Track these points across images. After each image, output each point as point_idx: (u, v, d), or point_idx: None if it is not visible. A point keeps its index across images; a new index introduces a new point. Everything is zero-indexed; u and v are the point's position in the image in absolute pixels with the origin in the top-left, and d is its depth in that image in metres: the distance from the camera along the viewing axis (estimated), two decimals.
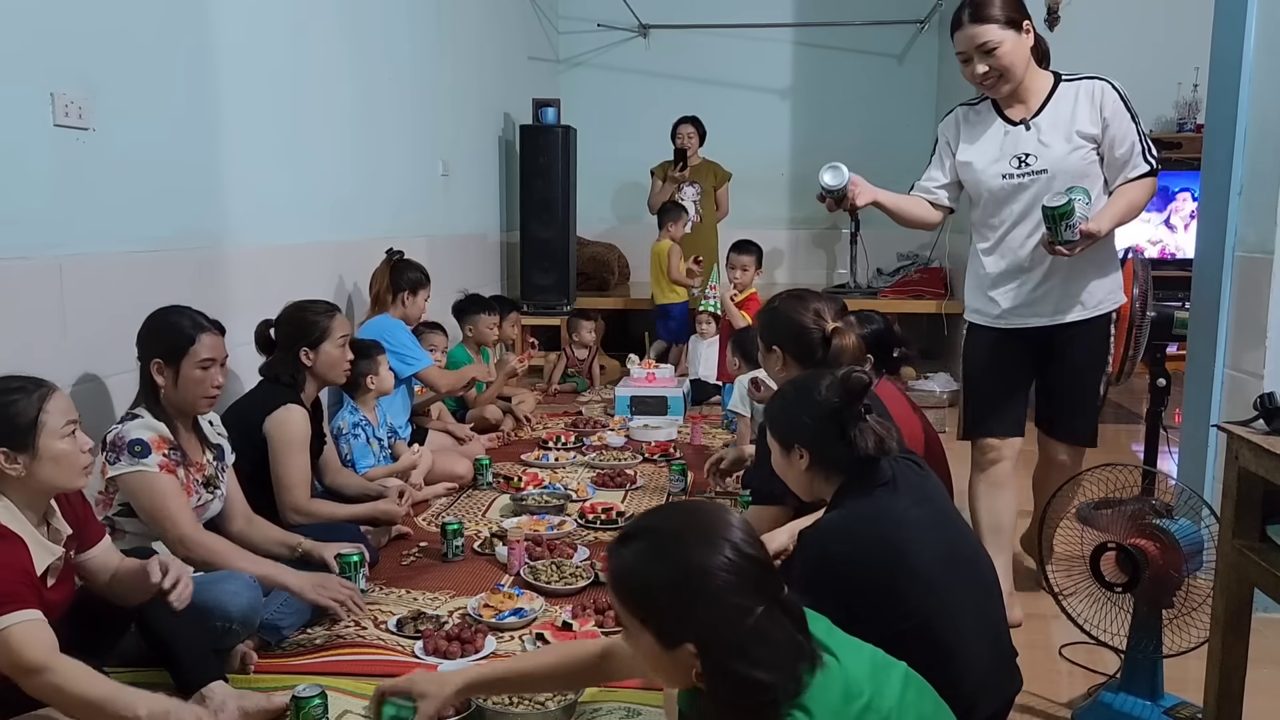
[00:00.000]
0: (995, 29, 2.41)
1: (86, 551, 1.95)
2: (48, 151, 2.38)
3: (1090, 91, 2.49)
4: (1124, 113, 2.46)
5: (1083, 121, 2.48)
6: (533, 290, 6.16)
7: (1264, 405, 1.72)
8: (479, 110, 5.93)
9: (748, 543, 1.26)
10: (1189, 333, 3.00)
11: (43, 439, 1.74)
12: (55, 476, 1.77)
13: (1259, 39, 2.69)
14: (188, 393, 2.34)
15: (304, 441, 2.77)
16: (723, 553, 1.23)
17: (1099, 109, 2.47)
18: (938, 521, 1.73)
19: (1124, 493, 2.17)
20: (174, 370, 2.33)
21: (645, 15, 7.59)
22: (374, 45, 4.34)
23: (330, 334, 2.90)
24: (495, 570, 2.92)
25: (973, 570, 1.74)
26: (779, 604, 1.25)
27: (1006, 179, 2.54)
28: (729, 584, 1.22)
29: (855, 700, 1.26)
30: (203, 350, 2.34)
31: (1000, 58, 2.42)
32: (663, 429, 4.59)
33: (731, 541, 1.25)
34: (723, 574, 1.22)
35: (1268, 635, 2.34)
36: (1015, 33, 2.43)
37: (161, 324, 2.37)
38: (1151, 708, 2.03)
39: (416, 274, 3.98)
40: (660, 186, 6.31)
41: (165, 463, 2.27)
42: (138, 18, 2.68)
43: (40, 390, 1.76)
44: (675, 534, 1.29)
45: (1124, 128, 2.45)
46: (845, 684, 1.27)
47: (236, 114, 3.18)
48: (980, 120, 2.61)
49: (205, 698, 1.97)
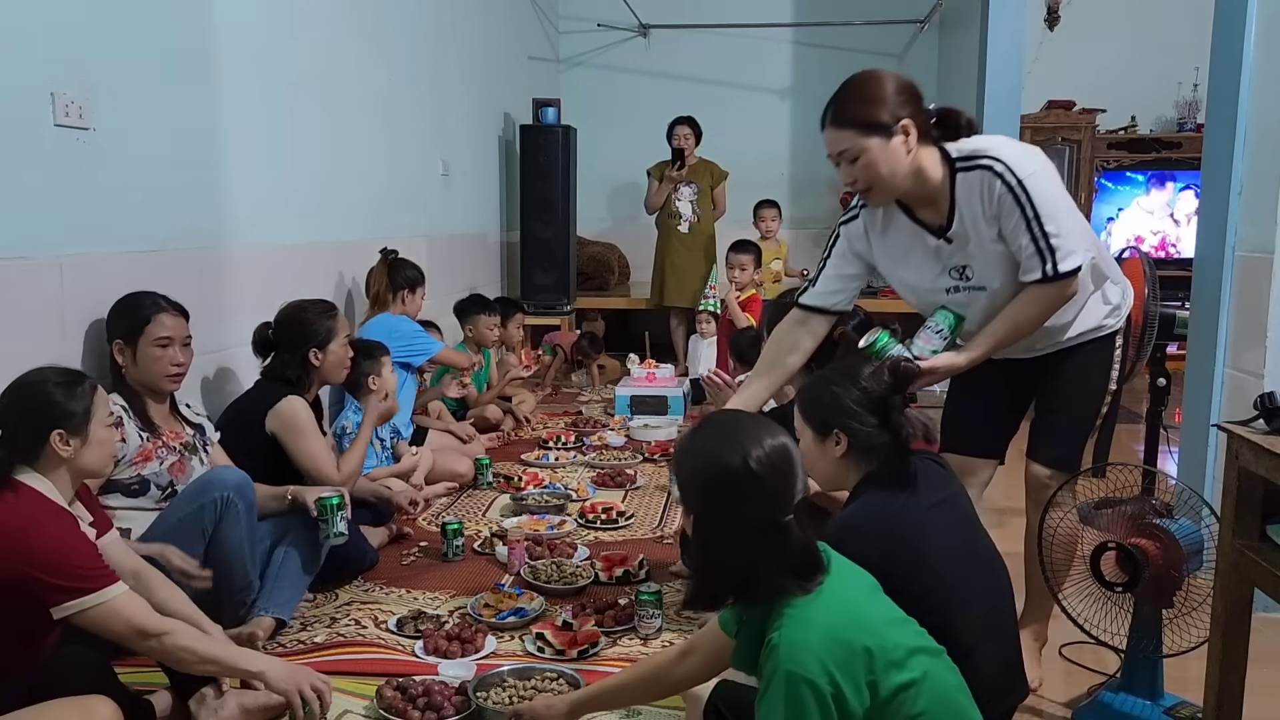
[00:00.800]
0: (853, 135, 1.98)
1: (101, 539, 1.97)
2: (48, 151, 2.38)
3: (980, 185, 1.99)
4: (1013, 206, 1.96)
5: (981, 221, 2.02)
6: (533, 290, 6.16)
7: (1264, 405, 1.72)
8: (479, 110, 5.93)
9: (762, 462, 1.41)
10: (1189, 332, 3.00)
11: (93, 425, 1.85)
12: (96, 461, 1.89)
13: (1259, 39, 2.69)
14: (147, 370, 2.42)
15: (312, 425, 2.81)
16: (741, 461, 1.41)
17: (987, 204, 1.99)
18: (956, 522, 1.73)
19: (1124, 492, 2.17)
20: (132, 349, 2.41)
21: (645, 15, 7.59)
22: (374, 45, 4.34)
23: (335, 334, 2.94)
24: (495, 570, 2.92)
25: (989, 573, 1.74)
26: (775, 526, 1.41)
27: (954, 292, 2.13)
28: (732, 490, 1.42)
29: (856, 631, 1.37)
30: (159, 329, 2.42)
31: (864, 169, 1.99)
32: (663, 429, 4.59)
33: (752, 456, 1.41)
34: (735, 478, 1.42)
35: (1268, 635, 2.34)
36: (882, 139, 1.95)
37: (123, 305, 2.47)
38: (1152, 707, 2.03)
39: (414, 272, 4.00)
40: (657, 187, 6.30)
41: None
42: (138, 17, 2.68)
43: (89, 381, 1.89)
44: (718, 430, 1.49)
45: (1013, 224, 1.97)
46: (850, 615, 1.38)
47: (237, 114, 3.17)
48: (894, 227, 2.15)
49: (205, 696, 1.97)
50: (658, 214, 6.36)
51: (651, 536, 3.24)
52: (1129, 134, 7.00)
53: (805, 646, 1.34)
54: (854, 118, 1.99)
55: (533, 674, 2.14)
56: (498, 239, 6.36)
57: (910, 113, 1.97)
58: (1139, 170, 6.95)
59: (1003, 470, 2.41)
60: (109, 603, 1.72)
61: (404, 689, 2.06)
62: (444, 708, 2.02)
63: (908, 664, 1.38)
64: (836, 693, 1.32)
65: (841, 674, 1.33)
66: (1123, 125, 7.02)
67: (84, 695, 1.68)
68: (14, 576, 1.66)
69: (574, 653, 2.31)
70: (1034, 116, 6.67)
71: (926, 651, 1.43)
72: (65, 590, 1.68)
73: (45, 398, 1.81)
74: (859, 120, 1.98)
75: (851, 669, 1.34)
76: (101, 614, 1.71)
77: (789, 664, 1.33)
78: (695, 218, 6.27)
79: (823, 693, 1.31)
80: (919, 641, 1.44)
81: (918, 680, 1.38)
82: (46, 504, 1.76)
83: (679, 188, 6.26)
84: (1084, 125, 6.80)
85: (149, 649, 1.79)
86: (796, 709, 1.31)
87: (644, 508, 3.54)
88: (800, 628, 1.36)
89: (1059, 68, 6.93)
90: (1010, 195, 1.95)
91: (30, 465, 1.79)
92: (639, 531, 3.29)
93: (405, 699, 2.03)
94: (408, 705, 2.02)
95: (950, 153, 2.02)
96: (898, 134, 1.96)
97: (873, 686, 1.35)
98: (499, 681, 2.11)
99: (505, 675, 2.13)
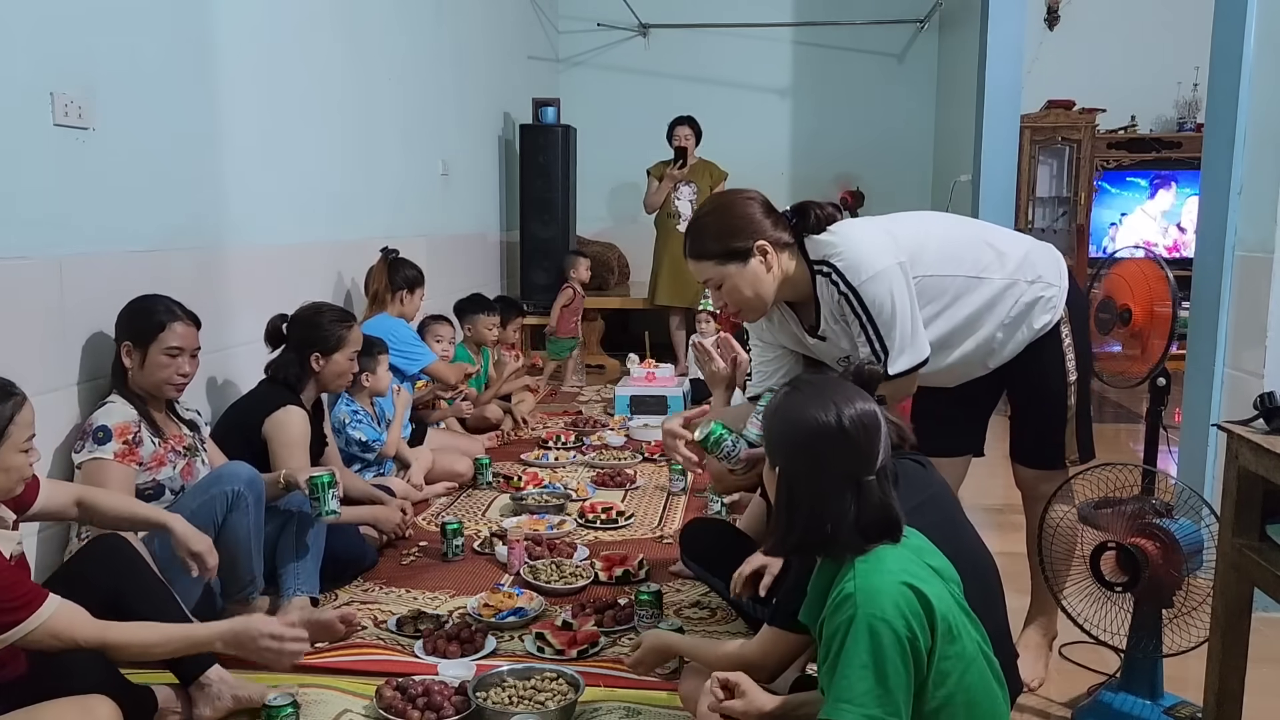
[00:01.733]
0: (711, 266, 2.04)
1: (31, 509, 1.93)
2: (47, 151, 2.37)
3: (826, 289, 2.04)
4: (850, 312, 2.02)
5: (838, 320, 2.08)
6: (532, 289, 6.17)
7: (1264, 404, 1.72)
8: (479, 110, 5.93)
9: (854, 420, 1.47)
10: (1189, 332, 2.99)
11: (3, 451, 1.71)
12: (7, 487, 1.75)
13: (1259, 38, 2.69)
14: (152, 376, 2.41)
15: (304, 442, 2.77)
16: (835, 418, 1.47)
17: (835, 306, 2.05)
18: (939, 520, 1.73)
19: (1124, 492, 2.17)
20: (141, 354, 2.40)
21: (645, 15, 7.59)
22: (374, 45, 4.34)
23: (344, 345, 2.92)
24: (495, 570, 2.92)
25: (975, 570, 1.74)
26: (857, 485, 1.46)
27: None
28: (823, 446, 1.48)
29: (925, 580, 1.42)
30: (172, 338, 2.40)
31: (730, 294, 2.06)
32: None
33: (845, 414, 1.47)
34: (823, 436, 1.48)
35: (1268, 635, 2.34)
36: (739, 264, 2.01)
37: (137, 308, 2.45)
38: (1151, 707, 2.03)
39: (413, 272, 3.99)
40: (657, 186, 6.30)
41: (122, 450, 2.30)
42: (138, 17, 2.68)
43: (14, 400, 1.73)
44: (814, 389, 1.54)
45: (855, 326, 2.03)
46: (919, 571, 1.44)
47: (237, 113, 3.17)
48: (782, 319, 2.21)
49: (203, 685, 1.99)
50: (656, 213, 6.36)
51: (651, 536, 3.23)
52: (1129, 134, 7.01)
53: (879, 588, 1.39)
54: (708, 250, 2.05)
55: (532, 674, 2.14)
56: (497, 239, 6.36)
57: (764, 231, 2.02)
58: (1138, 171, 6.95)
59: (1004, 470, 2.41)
60: (44, 624, 1.66)
61: (404, 689, 2.06)
62: (444, 708, 2.01)
63: (961, 634, 1.43)
64: (911, 635, 1.37)
65: (912, 615, 1.38)
66: (1122, 125, 7.02)
67: (83, 695, 1.68)
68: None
69: (574, 652, 2.31)
70: (1034, 116, 6.67)
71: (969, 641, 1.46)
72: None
73: None
74: (714, 252, 2.04)
75: (919, 611, 1.39)
76: (38, 637, 1.66)
77: (865, 608, 1.38)
78: None
79: (900, 635, 1.36)
80: (966, 631, 1.47)
81: (960, 660, 1.42)
82: None
83: (678, 187, 6.25)
84: (1084, 125, 6.80)
85: (105, 652, 1.75)
86: (878, 648, 1.36)
87: (644, 508, 3.54)
88: (872, 572, 1.42)
89: (1059, 67, 6.94)
90: (847, 302, 2.01)
91: None
92: (639, 531, 3.29)
93: (405, 699, 2.03)
94: (407, 705, 2.01)
95: (808, 254, 2.06)
96: (754, 255, 2.01)
97: (933, 634, 1.39)
98: (499, 681, 2.11)
99: (505, 675, 2.13)
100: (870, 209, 6.96)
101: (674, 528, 3.27)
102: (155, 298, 2.48)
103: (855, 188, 6.98)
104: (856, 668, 1.37)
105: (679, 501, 3.61)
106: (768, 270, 2.03)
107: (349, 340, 2.94)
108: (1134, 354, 2.83)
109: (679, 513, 3.47)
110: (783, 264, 2.05)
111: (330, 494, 2.50)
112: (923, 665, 1.39)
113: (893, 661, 1.36)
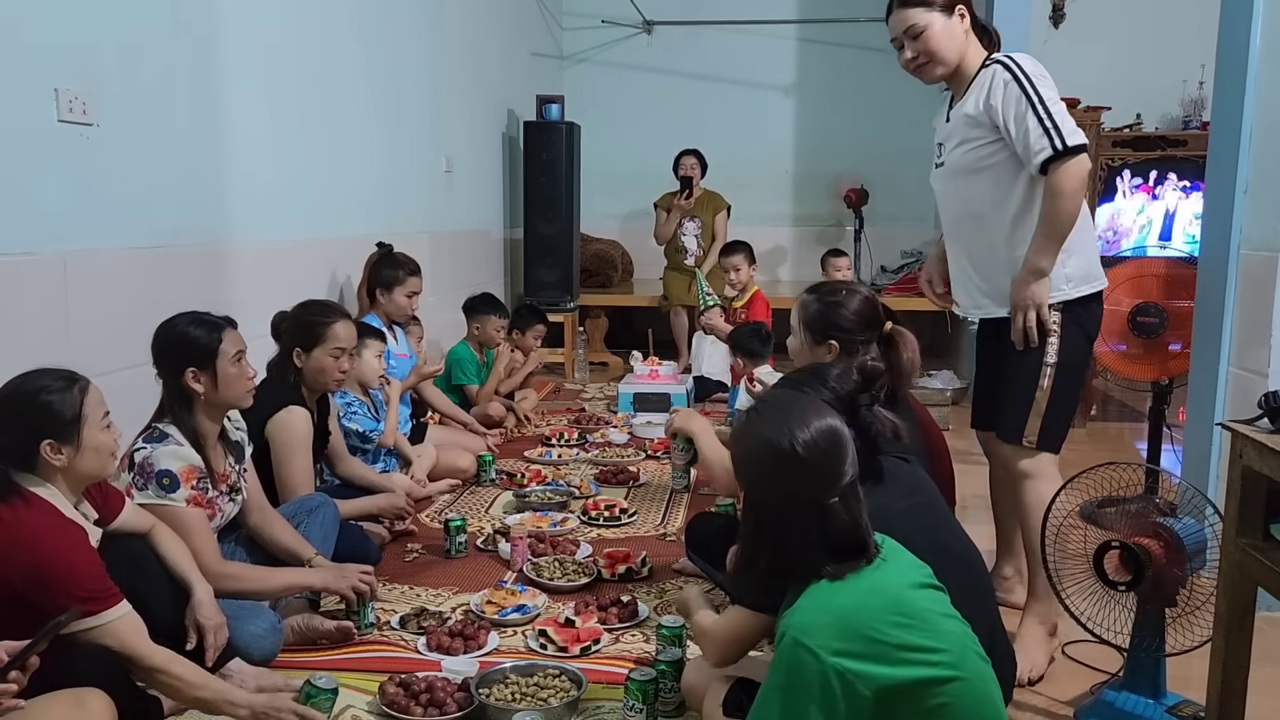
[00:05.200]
0: (922, 12, 2.30)
1: (113, 523, 1.99)
2: (51, 148, 2.38)
3: (987, 77, 2.28)
4: (1019, 95, 2.20)
5: (970, 109, 2.30)
6: (536, 287, 6.16)
7: (1268, 403, 1.72)
8: (483, 107, 5.93)
9: (808, 445, 1.45)
10: (1193, 331, 2.99)
11: (85, 431, 1.80)
12: (94, 466, 1.85)
13: (1265, 36, 2.68)
14: (230, 391, 2.29)
15: (306, 443, 2.76)
16: (789, 444, 1.46)
17: (986, 94, 2.26)
18: (925, 517, 1.74)
19: (1127, 491, 2.17)
20: (210, 373, 2.26)
21: (649, 11, 7.58)
22: (378, 42, 4.34)
23: (324, 340, 2.80)
24: (498, 567, 2.92)
25: (963, 566, 1.74)
26: (820, 508, 1.44)
27: (937, 168, 2.47)
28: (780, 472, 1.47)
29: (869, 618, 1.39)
30: (232, 346, 2.29)
31: (926, 41, 2.30)
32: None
33: (799, 439, 1.46)
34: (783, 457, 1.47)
35: (1271, 634, 2.34)
36: (945, 16, 2.30)
37: (179, 333, 2.28)
38: (1154, 706, 2.03)
39: (392, 270, 3.82)
40: (665, 218, 6.35)
41: (193, 496, 2.23)
42: (141, 14, 2.68)
43: (79, 384, 1.83)
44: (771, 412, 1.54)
45: (1019, 111, 2.20)
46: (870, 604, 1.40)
47: (240, 110, 3.18)
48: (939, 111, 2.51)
49: (227, 676, 2.02)
50: (666, 246, 6.44)
51: (654, 534, 3.23)
52: (1134, 132, 6.98)
53: (816, 622, 1.38)
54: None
55: (535, 670, 2.14)
56: (501, 236, 6.36)
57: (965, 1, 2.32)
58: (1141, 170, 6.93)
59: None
60: (110, 624, 1.74)
61: (407, 685, 2.06)
62: (447, 704, 2.02)
63: (927, 659, 1.39)
64: (841, 670, 1.34)
65: (849, 654, 1.35)
66: (1127, 123, 7.00)
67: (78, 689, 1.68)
68: (22, 588, 1.67)
69: (576, 649, 2.31)
70: None
71: (955, 650, 1.44)
72: (71, 607, 1.67)
73: (33, 406, 1.77)
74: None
75: (860, 652, 1.36)
76: (101, 635, 1.73)
77: (795, 632, 1.37)
78: (700, 251, 6.35)
79: (824, 664, 1.34)
80: (949, 641, 1.44)
81: (943, 674, 1.39)
82: (55, 516, 1.76)
83: (684, 222, 6.32)
84: (1088, 123, 6.76)
85: (138, 674, 1.81)
86: (796, 674, 1.36)
87: (647, 505, 3.54)
88: (817, 604, 1.40)
89: (1063, 65, 6.82)
90: (1017, 85, 2.20)
91: (32, 473, 1.78)
92: (642, 528, 3.29)
93: (408, 695, 2.04)
94: (410, 702, 2.02)
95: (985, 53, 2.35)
96: (955, 15, 2.31)
97: (883, 673, 1.36)
98: (501, 678, 2.12)
99: (508, 672, 2.14)
100: (875, 206, 6.95)
101: (677, 525, 3.27)
102: (188, 316, 2.30)
103: (860, 185, 6.97)
104: (772, 689, 1.38)
105: (682, 499, 3.61)
106: (963, 33, 2.32)
107: (328, 336, 2.80)
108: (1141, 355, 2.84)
109: (682, 510, 3.47)
110: (968, 41, 2.34)
111: (369, 608, 2.43)
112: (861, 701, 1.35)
113: (809, 693, 1.34)
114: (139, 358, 2.38)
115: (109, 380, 2.53)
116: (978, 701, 1.43)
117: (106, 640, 1.73)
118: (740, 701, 1.69)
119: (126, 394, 2.52)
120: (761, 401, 1.60)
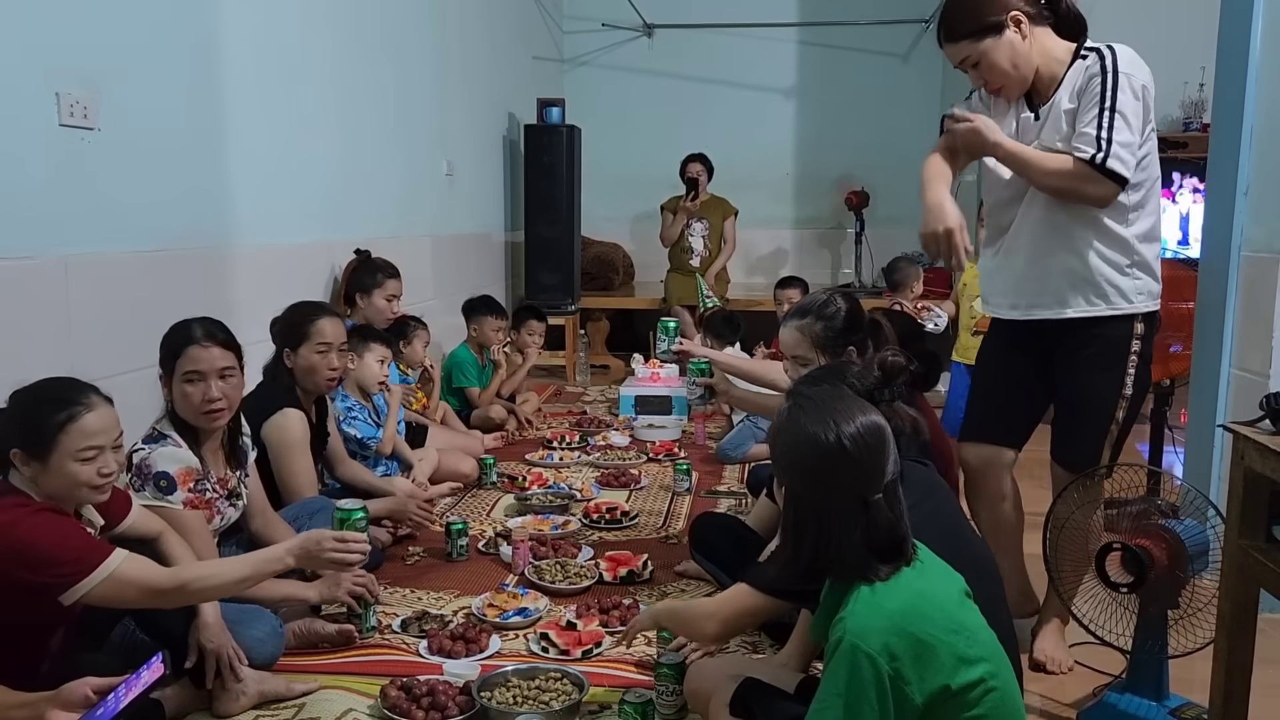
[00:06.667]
0: (968, 44, 2.16)
1: (119, 527, 1.98)
2: (53, 151, 2.38)
3: (1082, 69, 2.15)
4: (1097, 91, 2.09)
5: (1068, 103, 2.17)
6: (537, 290, 6.16)
7: (1270, 405, 1.72)
8: (483, 110, 5.93)
9: (855, 440, 1.43)
10: (1195, 332, 2.99)
11: (54, 456, 1.74)
12: (60, 491, 1.78)
13: (1265, 38, 2.68)
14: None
15: (304, 444, 2.76)
16: (835, 438, 1.44)
17: (1078, 88, 2.15)
18: (938, 520, 1.73)
19: (1129, 493, 2.16)
20: (167, 388, 2.26)
21: (650, 15, 7.59)
22: (379, 46, 4.34)
23: (309, 337, 2.79)
24: (500, 570, 2.92)
25: (975, 570, 1.73)
26: (864, 504, 1.42)
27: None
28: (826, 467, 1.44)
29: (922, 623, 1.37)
30: (188, 364, 2.24)
31: (985, 71, 2.17)
32: (667, 428, 4.59)
33: (846, 434, 1.44)
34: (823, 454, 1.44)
35: (1273, 636, 2.34)
36: (994, 37, 2.13)
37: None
38: (1157, 708, 2.02)
39: (369, 275, 3.79)
40: (671, 220, 6.37)
41: (191, 499, 2.22)
42: (143, 17, 2.69)
43: (74, 409, 1.76)
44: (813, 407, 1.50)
45: (1089, 103, 2.09)
46: (920, 609, 1.39)
47: (241, 113, 3.18)
48: (996, 102, 2.30)
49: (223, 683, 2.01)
50: (671, 248, 6.44)
51: (656, 537, 3.23)
52: None
53: (871, 626, 1.37)
54: (961, 29, 2.15)
55: (537, 674, 2.14)
56: (502, 239, 6.37)
57: (1014, 2, 2.12)
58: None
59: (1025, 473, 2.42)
60: (113, 574, 1.71)
61: (408, 689, 2.06)
62: (448, 707, 2.02)
63: (971, 669, 1.39)
64: (895, 675, 1.34)
65: (903, 659, 1.35)
66: None
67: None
68: (13, 577, 1.66)
69: (578, 652, 2.31)
70: None
71: (994, 661, 1.44)
72: (66, 577, 1.68)
73: (20, 412, 1.76)
74: (967, 30, 2.14)
75: (913, 656, 1.36)
76: (110, 587, 1.71)
77: (853, 637, 1.36)
78: (706, 252, 6.37)
79: (881, 670, 1.34)
80: (988, 652, 1.44)
81: (984, 684, 1.39)
82: (27, 503, 1.73)
83: (691, 223, 6.33)
84: None
85: (174, 602, 1.83)
86: (856, 679, 1.34)
87: (649, 508, 3.54)
88: (870, 608, 1.39)
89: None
90: (1100, 79, 2.07)
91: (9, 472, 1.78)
92: (644, 531, 3.29)
93: (409, 699, 2.03)
94: (412, 705, 2.02)
95: (1079, 45, 2.17)
96: (1008, 27, 2.12)
97: (933, 679, 1.37)
98: (503, 681, 2.11)
99: (509, 675, 2.13)
100: (875, 209, 6.95)
101: (679, 528, 3.27)
102: (190, 322, 2.28)
103: (860, 188, 6.97)
104: (831, 694, 1.37)
105: (684, 501, 3.60)
106: (1024, 40, 2.13)
107: (313, 332, 2.79)
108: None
109: (684, 513, 3.47)
110: (1038, 36, 2.15)
111: (371, 611, 2.43)
112: (913, 702, 1.36)
113: (867, 699, 1.34)
114: (140, 361, 2.39)
115: (110, 383, 2.55)
116: (1010, 713, 1.44)
117: (122, 591, 1.72)
118: (747, 702, 1.69)
119: (128, 398, 2.52)
120: (801, 396, 1.55)
